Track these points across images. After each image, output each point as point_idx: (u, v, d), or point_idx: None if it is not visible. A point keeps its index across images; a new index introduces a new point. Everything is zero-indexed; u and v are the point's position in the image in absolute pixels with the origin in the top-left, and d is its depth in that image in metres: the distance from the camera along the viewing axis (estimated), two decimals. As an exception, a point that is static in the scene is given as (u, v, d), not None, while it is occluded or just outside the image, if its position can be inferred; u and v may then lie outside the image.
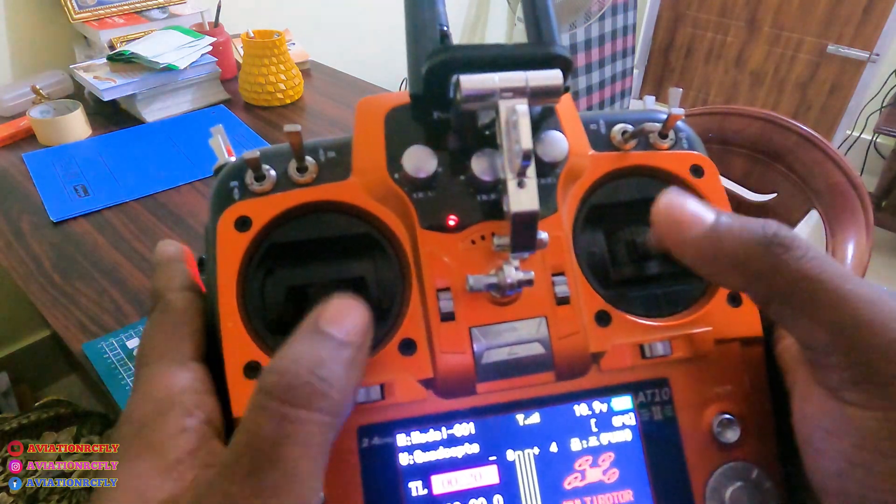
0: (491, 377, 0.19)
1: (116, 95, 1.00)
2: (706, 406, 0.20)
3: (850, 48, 2.35)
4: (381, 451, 0.18)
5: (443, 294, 0.19)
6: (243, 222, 0.19)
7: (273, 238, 0.19)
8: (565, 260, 0.20)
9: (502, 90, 0.17)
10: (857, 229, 0.94)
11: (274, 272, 0.19)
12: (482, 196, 0.19)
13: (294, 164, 0.20)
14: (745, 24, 2.60)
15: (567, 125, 0.21)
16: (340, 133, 0.94)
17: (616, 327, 0.20)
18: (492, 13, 2.22)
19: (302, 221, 0.19)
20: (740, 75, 2.71)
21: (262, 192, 0.19)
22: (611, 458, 0.20)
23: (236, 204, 0.19)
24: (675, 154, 0.22)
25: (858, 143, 2.37)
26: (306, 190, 0.19)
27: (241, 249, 0.19)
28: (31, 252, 0.74)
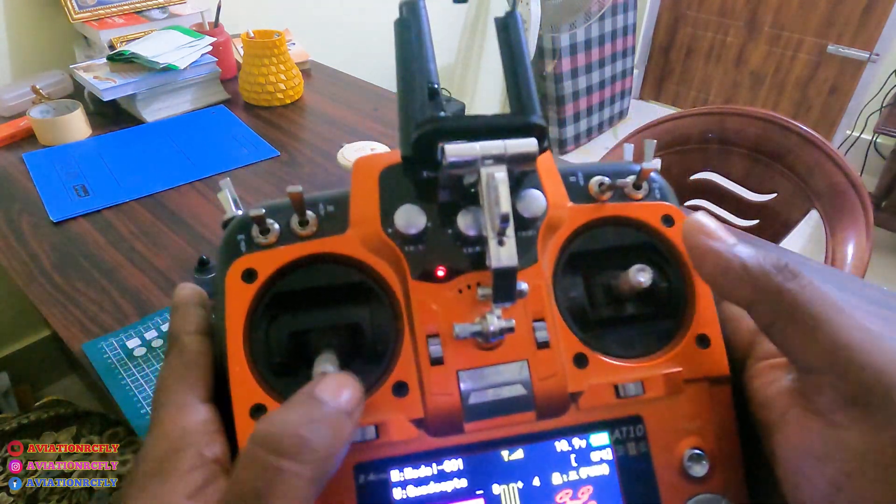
0: (477, 417, 0.20)
1: (116, 95, 1.00)
2: (677, 441, 0.22)
3: (850, 48, 2.35)
4: (376, 486, 0.20)
5: (432, 340, 0.20)
6: (249, 274, 0.20)
7: (277, 288, 0.21)
8: (545, 307, 0.21)
9: (483, 157, 0.19)
10: (857, 229, 0.94)
11: (278, 319, 0.21)
12: (468, 248, 0.21)
13: (296, 218, 0.21)
14: (745, 24, 2.60)
15: (547, 180, 0.23)
16: (341, 133, 0.94)
17: (593, 369, 0.22)
18: (492, 13, 2.22)
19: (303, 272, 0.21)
20: (740, 75, 2.71)
21: (266, 245, 0.21)
22: (590, 491, 0.21)
23: (243, 257, 0.21)
24: (647, 205, 0.24)
25: (858, 143, 2.37)
26: (307, 243, 0.21)
27: (247, 300, 0.20)
28: (31, 252, 0.74)
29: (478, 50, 2.27)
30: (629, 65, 2.74)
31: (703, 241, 0.20)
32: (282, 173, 0.91)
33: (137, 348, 0.60)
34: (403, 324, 0.21)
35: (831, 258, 0.93)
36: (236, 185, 0.87)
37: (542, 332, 0.21)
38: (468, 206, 0.21)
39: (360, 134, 1.03)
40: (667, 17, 2.84)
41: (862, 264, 0.90)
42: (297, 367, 0.21)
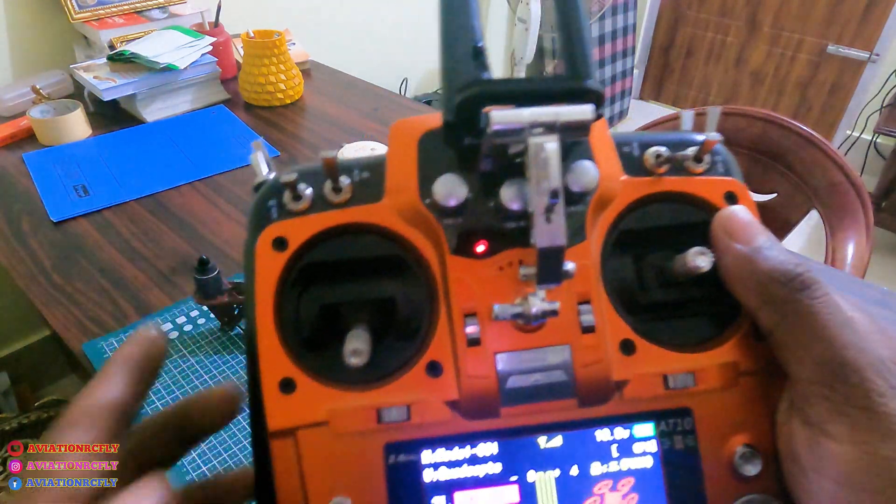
0: (514, 402, 0.19)
1: (116, 95, 1.00)
2: (728, 437, 0.20)
3: (850, 48, 2.35)
4: (406, 467, 0.19)
5: (470, 319, 0.19)
6: (280, 243, 0.20)
7: (308, 258, 0.20)
8: (592, 288, 0.20)
9: (532, 126, 0.17)
10: (857, 229, 0.94)
11: (308, 291, 0.20)
12: (511, 223, 0.20)
13: (329, 183, 0.20)
14: (745, 24, 2.60)
15: (599, 151, 0.21)
16: (341, 133, 0.94)
17: (641, 357, 0.20)
18: (492, 13, 2.22)
19: (336, 242, 0.20)
20: (740, 75, 2.71)
21: (298, 212, 0.20)
22: (630, 484, 0.20)
23: (274, 224, 0.20)
24: (708, 180, 0.21)
25: (858, 143, 2.37)
26: (340, 211, 0.20)
27: (277, 269, 0.19)
28: (31, 252, 0.74)
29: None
30: (629, 65, 2.74)
31: (724, 238, 0.20)
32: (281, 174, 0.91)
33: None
34: (439, 301, 0.19)
35: (831, 258, 0.93)
36: (236, 185, 0.87)
37: (588, 315, 0.20)
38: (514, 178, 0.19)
39: (360, 134, 1.03)
40: (667, 17, 2.84)
41: (862, 264, 0.90)
42: (328, 341, 0.20)
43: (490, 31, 2.26)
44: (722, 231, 0.20)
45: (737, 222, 0.20)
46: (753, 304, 0.20)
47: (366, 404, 0.19)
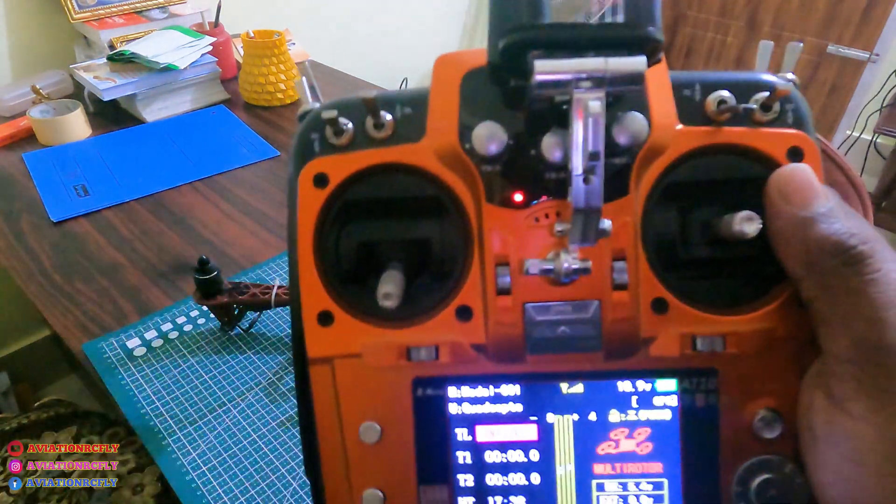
0: (540, 351, 0.20)
1: (116, 95, 1.00)
2: (752, 400, 0.20)
3: (850, 48, 2.35)
4: (432, 400, 0.20)
5: (502, 269, 0.19)
6: (321, 179, 0.20)
7: (348, 195, 0.20)
8: (629, 245, 0.19)
9: (579, 77, 0.16)
10: (857, 229, 0.94)
11: (347, 227, 0.20)
12: (550, 174, 0.19)
13: (371, 120, 0.20)
14: (745, 24, 2.60)
15: (655, 96, 0.19)
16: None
17: (672, 316, 0.20)
18: (492, 13, 2.22)
19: (375, 180, 0.20)
20: (740, 75, 2.70)
21: (340, 146, 0.20)
22: (646, 433, 0.20)
23: (315, 160, 0.20)
24: (773, 133, 0.20)
25: (858, 143, 2.37)
26: (381, 150, 0.20)
27: (318, 205, 0.20)
28: (31, 252, 0.74)
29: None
30: (629, 65, 2.74)
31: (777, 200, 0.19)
32: (282, 173, 0.91)
33: (137, 348, 0.60)
34: (473, 247, 0.20)
35: (831, 258, 0.93)
36: (236, 185, 0.86)
37: (621, 273, 0.19)
38: (557, 127, 0.18)
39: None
40: (667, 17, 2.84)
41: (862, 264, 0.90)
42: (365, 278, 0.20)
43: (490, 31, 2.26)
44: (776, 192, 0.19)
45: (793, 183, 0.19)
46: (798, 272, 0.19)
47: (397, 342, 0.20)
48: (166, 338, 0.61)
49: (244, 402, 0.55)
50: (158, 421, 0.53)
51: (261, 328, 0.63)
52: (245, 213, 0.81)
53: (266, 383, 0.57)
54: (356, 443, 0.20)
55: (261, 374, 0.58)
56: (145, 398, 0.55)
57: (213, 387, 0.56)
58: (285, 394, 0.56)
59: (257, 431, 0.52)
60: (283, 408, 0.54)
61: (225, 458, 0.50)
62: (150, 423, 0.53)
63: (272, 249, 0.74)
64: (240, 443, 0.51)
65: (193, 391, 0.56)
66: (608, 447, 0.20)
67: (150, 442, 0.52)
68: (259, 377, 0.57)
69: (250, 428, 0.52)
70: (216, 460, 0.50)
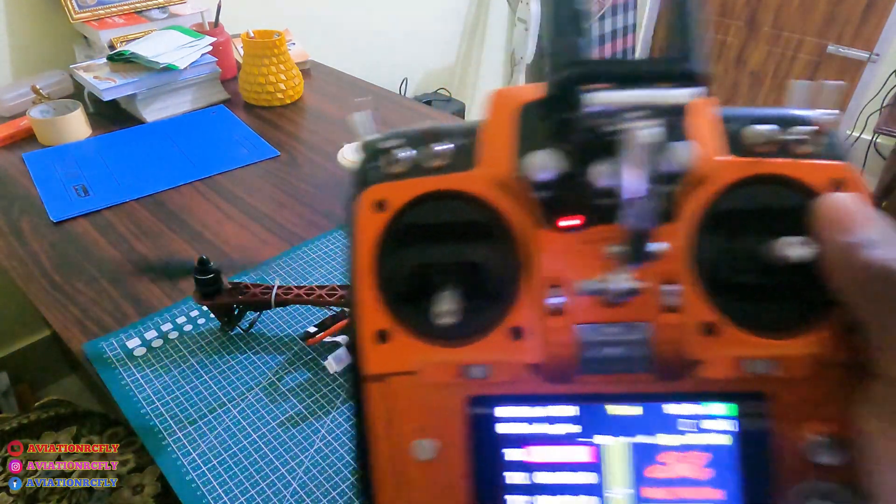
0: (591, 371, 0.20)
1: (116, 95, 1.00)
2: (804, 424, 0.20)
3: (850, 48, 2.35)
4: (485, 418, 0.21)
5: (553, 290, 0.20)
6: (379, 205, 0.21)
7: (404, 220, 0.21)
8: (678, 269, 0.20)
9: (628, 110, 0.17)
10: (857, 229, 0.94)
11: (404, 251, 0.21)
12: (601, 200, 0.20)
13: (426, 148, 0.21)
14: (745, 24, 2.60)
15: (700, 128, 0.21)
16: (341, 133, 0.93)
17: (722, 339, 0.20)
18: (492, 13, 2.22)
19: (431, 205, 0.21)
20: (740, 75, 2.71)
21: (397, 174, 0.21)
22: (700, 457, 0.21)
23: (374, 187, 0.21)
24: (816, 164, 0.21)
25: (858, 143, 2.37)
26: (437, 177, 0.21)
27: (376, 230, 0.21)
28: (31, 252, 0.74)
29: (478, 50, 2.27)
30: (629, 65, 2.74)
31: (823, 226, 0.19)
32: (282, 173, 0.91)
33: (137, 348, 0.60)
34: (525, 269, 0.20)
35: (831, 258, 0.93)
36: (236, 185, 0.86)
37: (672, 296, 0.20)
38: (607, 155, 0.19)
39: (360, 134, 1.03)
40: (667, 17, 2.84)
41: (862, 264, 0.90)
42: (421, 298, 0.21)
43: (490, 31, 2.26)
44: (822, 218, 0.19)
45: (839, 210, 0.19)
46: (848, 298, 0.19)
47: (451, 360, 0.20)
48: (166, 338, 0.61)
49: (244, 402, 0.55)
50: (158, 421, 0.53)
51: (261, 328, 0.63)
52: (245, 213, 0.81)
53: (266, 383, 0.57)
54: (409, 460, 0.21)
55: (261, 374, 0.58)
56: (145, 398, 0.55)
57: (213, 387, 0.56)
58: (285, 394, 0.56)
59: (257, 431, 0.52)
60: (283, 408, 0.54)
61: (225, 458, 0.50)
62: (150, 423, 0.53)
63: (272, 249, 0.74)
64: (240, 443, 0.51)
65: (193, 391, 0.56)
66: (660, 471, 0.21)
67: (150, 442, 0.52)
68: (259, 377, 0.57)
69: (250, 428, 0.52)
70: (216, 460, 0.50)
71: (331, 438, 0.52)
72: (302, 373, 0.58)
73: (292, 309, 0.65)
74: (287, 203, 0.84)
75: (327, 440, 0.51)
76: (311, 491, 0.47)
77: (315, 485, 0.48)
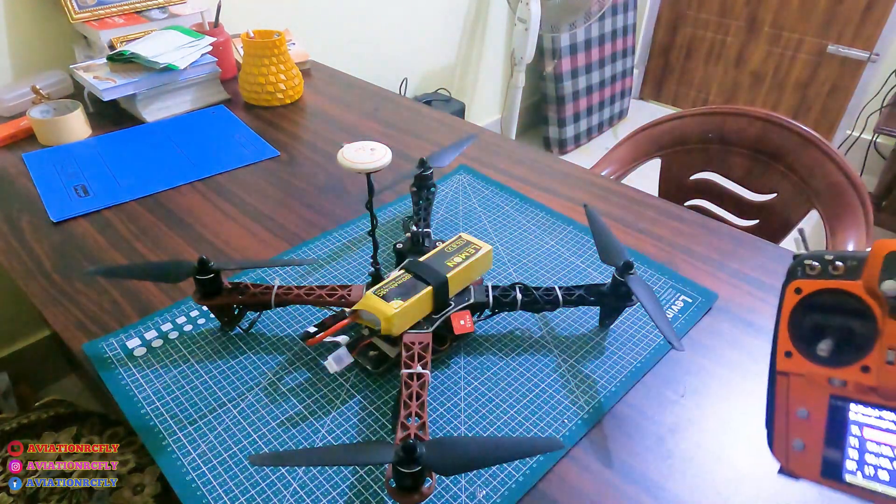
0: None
1: (116, 95, 1.00)
2: None
3: (850, 48, 2.35)
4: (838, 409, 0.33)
5: (891, 352, 0.32)
6: (798, 290, 0.35)
7: (812, 300, 0.35)
8: None
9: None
10: (857, 229, 0.94)
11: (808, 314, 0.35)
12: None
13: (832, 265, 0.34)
14: (745, 24, 2.60)
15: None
16: (341, 133, 0.93)
17: None
18: (492, 13, 2.22)
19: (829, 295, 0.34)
20: (740, 75, 2.71)
21: (812, 275, 0.35)
22: None
23: (798, 280, 0.35)
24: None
25: (858, 143, 2.37)
26: (836, 281, 0.34)
27: (794, 302, 0.35)
28: (31, 252, 0.74)
29: (478, 50, 2.27)
30: (629, 65, 2.74)
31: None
32: (282, 173, 0.91)
33: (137, 348, 0.60)
34: (878, 338, 0.32)
35: (831, 258, 0.93)
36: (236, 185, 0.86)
37: None
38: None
39: (360, 134, 1.03)
40: (667, 17, 2.84)
41: (862, 264, 0.90)
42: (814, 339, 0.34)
43: (490, 31, 2.26)
44: None
45: None
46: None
47: (825, 374, 0.33)
48: (166, 338, 0.61)
49: (244, 402, 0.55)
50: (158, 421, 0.53)
51: (261, 328, 0.63)
52: (245, 213, 0.81)
53: (266, 383, 0.57)
54: (793, 416, 0.34)
55: (261, 374, 0.58)
56: (145, 398, 0.55)
57: (213, 387, 0.56)
58: (285, 394, 0.56)
59: (257, 431, 0.52)
60: (283, 408, 0.54)
61: (225, 458, 0.50)
62: (150, 423, 0.53)
63: (272, 249, 0.74)
64: (240, 443, 0.51)
65: (193, 391, 0.56)
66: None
67: (150, 442, 0.52)
68: (259, 377, 0.57)
69: (250, 428, 0.52)
70: (216, 460, 0.50)
71: (331, 438, 0.52)
72: (302, 373, 0.58)
73: (292, 309, 0.65)
74: (287, 203, 0.84)
75: (327, 440, 0.51)
76: (312, 491, 0.47)
77: (315, 485, 0.48)
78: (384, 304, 0.53)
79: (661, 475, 0.49)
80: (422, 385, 0.48)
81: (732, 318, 0.64)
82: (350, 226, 0.79)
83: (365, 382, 0.57)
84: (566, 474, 0.49)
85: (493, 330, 0.63)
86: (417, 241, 0.65)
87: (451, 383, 0.57)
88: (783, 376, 0.35)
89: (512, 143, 1.04)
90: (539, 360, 0.59)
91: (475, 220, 0.80)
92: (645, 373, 0.58)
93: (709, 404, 0.55)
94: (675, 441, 0.52)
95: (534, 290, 0.59)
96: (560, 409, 0.54)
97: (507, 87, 2.27)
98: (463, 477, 0.48)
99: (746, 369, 0.58)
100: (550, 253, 0.74)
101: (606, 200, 0.86)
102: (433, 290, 0.55)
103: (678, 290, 0.68)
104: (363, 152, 0.54)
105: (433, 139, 1.02)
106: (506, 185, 0.88)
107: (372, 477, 0.49)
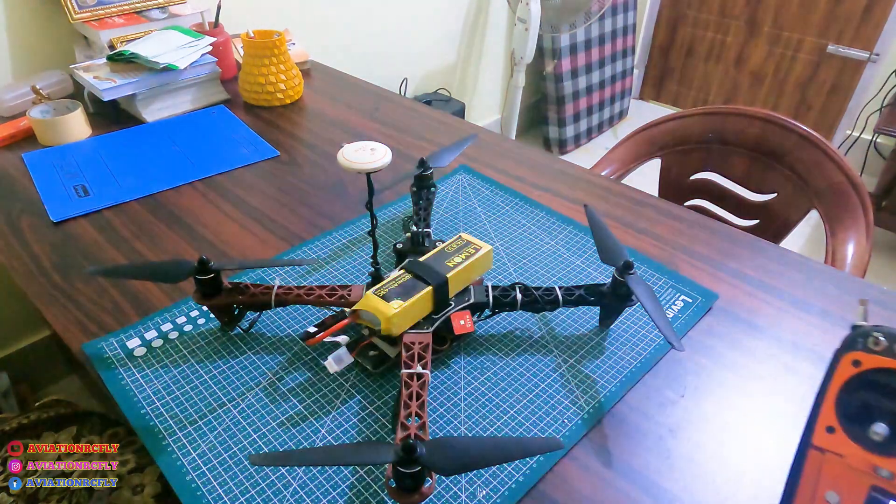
0: None
1: (116, 95, 1.00)
2: None
3: (850, 48, 2.35)
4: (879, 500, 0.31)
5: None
6: (856, 363, 0.33)
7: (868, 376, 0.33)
8: None
9: None
10: (857, 229, 0.94)
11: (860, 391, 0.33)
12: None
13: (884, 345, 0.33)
14: (745, 24, 2.60)
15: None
16: (341, 133, 0.93)
17: None
18: (492, 13, 2.22)
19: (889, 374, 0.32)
20: (740, 75, 2.71)
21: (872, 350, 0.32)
22: None
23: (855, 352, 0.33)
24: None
25: (858, 143, 2.37)
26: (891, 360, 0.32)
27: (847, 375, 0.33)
28: (31, 252, 0.74)
29: (478, 50, 2.26)
30: (629, 65, 2.74)
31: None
32: (282, 173, 0.91)
33: (137, 348, 0.60)
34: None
35: (831, 258, 0.93)
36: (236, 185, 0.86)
37: None
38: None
39: (360, 134, 1.03)
40: (667, 17, 2.84)
41: (862, 264, 0.90)
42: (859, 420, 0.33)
43: (490, 31, 2.26)
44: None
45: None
46: None
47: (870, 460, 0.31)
48: (166, 338, 0.61)
49: (244, 402, 0.55)
50: (158, 421, 0.53)
51: (261, 328, 0.63)
52: (245, 213, 0.81)
53: (266, 383, 0.57)
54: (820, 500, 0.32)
55: (261, 374, 0.58)
56: (145, 398, 0.55)
57: (213, 387, 0.56)
58: (285, 394, 0.56)
59: (257, 431, 0.52)
60: (283, 408, 0.54)
61: (225, 458, 0.50)
62: (150, 423, 0.53)
63: (272, 249, 0.74)
64: (240, 443, 0.51)
65: (193, 391, 0.56)
66: None
67: (150, 442, 0.52)
68: (259, 377, 0.57)
69: (250, 428, 0.52)
70: (216, 460, 0.50)
71: (331, 438, 0.52)
72: (302, 373, 0.58)
73: (292, 309, 0.65)
74: (287, 203, 0.84)
75: (327, 440, 0.51)
76: (312, 491, 0.47)
77: (315, 485, 0.48)
78: (384, 304, 0.53)
79: (661, 475, 0.49)
80: (422, 385, 0.48)
81: (732, 318, 0.64)
82: (350, 226, 0.79)
83: (365, 382, 0.57)
84: (566, 474, 0.49)
85: (493, 330, 0.63)
86: (417, 241, 0.65)
87: (451, 383, 0.57)
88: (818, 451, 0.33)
89: (512, 143, 1.04)
90: (539, 360, 0.59)
91: (475, 220, 0.80)
92: (645, 373, 0.58)
93: (709, 404, 0.55)
94: (675, 441, 0.52)
95: (534, 290, 0.59)
96: (560, 409, 0.54)
97: (507, 87, 2.27)
98: (463, 477, 0.48)
99: (746, 369, 0.59)
100: (550, 253, 0.74)
101: (606, 200, 0.86)
102: (433, 290, 0.55)
103: (678, 290, 0.68)
104: (363, 152, 0.54)
105: (433, 139, 1.02)
106: (506, 185, 0.88)
107: (372, 477, 0.48)
